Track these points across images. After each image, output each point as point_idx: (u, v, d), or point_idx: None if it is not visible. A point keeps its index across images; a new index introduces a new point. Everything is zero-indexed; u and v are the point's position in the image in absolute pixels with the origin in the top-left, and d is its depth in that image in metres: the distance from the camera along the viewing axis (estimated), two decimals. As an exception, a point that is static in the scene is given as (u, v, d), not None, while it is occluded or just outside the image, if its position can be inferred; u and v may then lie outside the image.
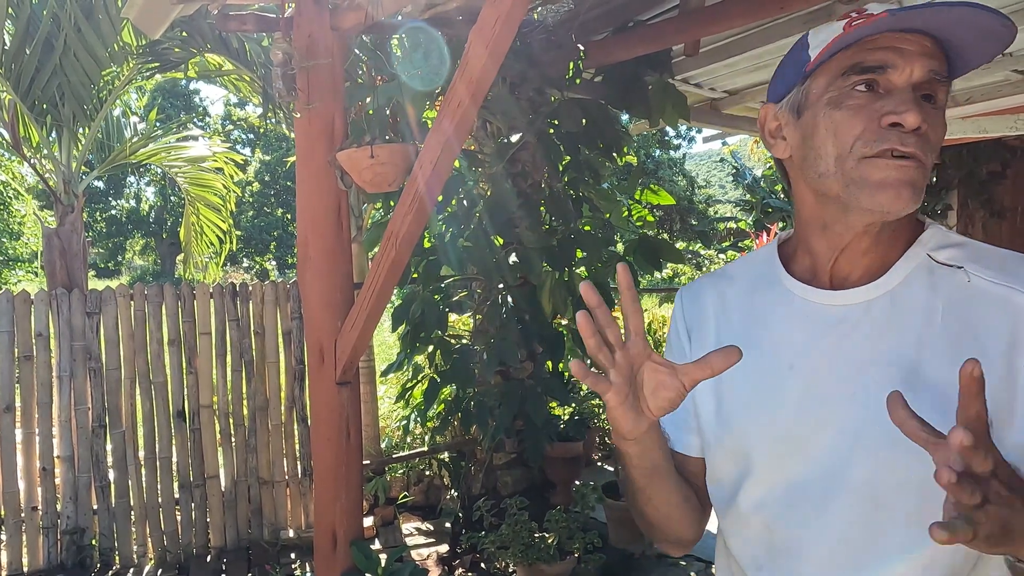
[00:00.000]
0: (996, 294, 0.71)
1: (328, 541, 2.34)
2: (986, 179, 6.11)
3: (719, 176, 34.69)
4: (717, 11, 2.40)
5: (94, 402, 3.29)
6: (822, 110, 0.75)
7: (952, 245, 0.76)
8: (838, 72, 0.74)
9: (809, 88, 0.77)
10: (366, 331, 2.20)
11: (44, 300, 3.23)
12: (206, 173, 5.23)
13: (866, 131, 0.71)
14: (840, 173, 0.73)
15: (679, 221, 18.03)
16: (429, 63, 2.51)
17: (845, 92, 0.73)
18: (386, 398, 4.67)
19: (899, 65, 0.71)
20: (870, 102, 0.72)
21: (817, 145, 0.75)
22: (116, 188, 24.02)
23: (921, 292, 0.74)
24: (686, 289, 0.94)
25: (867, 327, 0.75)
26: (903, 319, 0.74)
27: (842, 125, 0.73)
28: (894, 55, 0.71)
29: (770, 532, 0.81)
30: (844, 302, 0.77)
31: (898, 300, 0.75)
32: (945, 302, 0.73)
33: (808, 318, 0.79)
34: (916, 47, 0.71)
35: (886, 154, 0.70)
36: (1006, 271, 0.72)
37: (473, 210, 3.04)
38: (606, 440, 4.93)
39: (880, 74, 0.71)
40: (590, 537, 2.88)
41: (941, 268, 0.75)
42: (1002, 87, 3.60)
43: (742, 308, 0.86)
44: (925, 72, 0.71)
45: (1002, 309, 0.70)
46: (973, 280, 0.72)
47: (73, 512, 3.25)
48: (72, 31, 3.81)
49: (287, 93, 2.07)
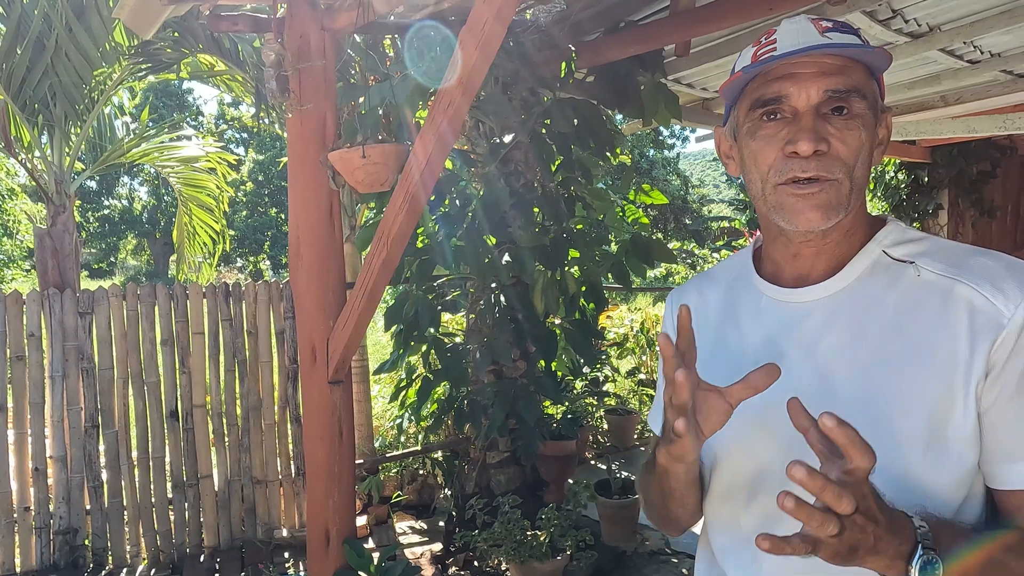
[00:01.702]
0: (942, 286, 0.74)
1: (321, 540, 2.35)
2: (976, 178, 6.15)
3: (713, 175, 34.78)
4: (707, 12, 2.41)
5: (87, 402, 3.29)
6: (743, 139, 0.81)
7: (909, 241, 0.80)
8: (750, 104, 0.79)
9: (737, 116, 0.83)
10: (358, 330, 2.21)
11: (36, 300, 3.23)
12: (199, 173, 5.22)
13: (775, 159, 0.77)
14: (763, 198, 0.80)
15: (673, 220, 18.07)
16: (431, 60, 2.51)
17: (755, 123, 0.78)
18: (380, 397, 4.68)
19: (792, 93, 0.75)
20: (777, 130, 0.77)
21: (747, 171, 0.82)
22: (109, 188, 23.93)
23: (875, 287, 0.78)
24: (674, 292, 1.00)
25: (823, 322, 0.79)
26: (856, 314, 0.77)
27: (758, 155, 0.78)
28: (788, 83, 0.75)
29: (736, 520, 0.85)
30: (802, 299, 0.81)
31: (853, 295, 0.78)
32: (897, 297, 0.76)
33: (772, 315, 0.83)
34: (813, 68, 0.75)
35: (790, 182, 0.76)
36: (953, 264, 0.75)
37: (466, 210, 3.05)
38: (599, 439, 4.95)
39: (779, 104, 0.76)
40: (582, 535, 2.89)
41: (896, 264, 0.78)
42: (991, 87, 3.62)
43: (720, 307, 0.91)
44: (821, 94, 0.75)
45: (945, 301, 0.73)
46: (923, 274, 0.76)
47: (66, 512, 3.25)
48: (63, 31, 3.80)
49: (279, 94, 2.08)
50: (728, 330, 0.87)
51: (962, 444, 0.71)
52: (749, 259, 0.89)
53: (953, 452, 0.72)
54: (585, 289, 3.24)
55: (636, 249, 3.20)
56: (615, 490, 3.45)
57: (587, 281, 3.23)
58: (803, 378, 0.78)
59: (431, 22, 2.46)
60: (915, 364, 0.72)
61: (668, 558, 3.24)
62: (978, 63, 3.28)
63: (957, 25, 2.80)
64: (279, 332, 3.64)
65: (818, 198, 0.75)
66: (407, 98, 2.55)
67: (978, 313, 0.71)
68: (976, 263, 0.74)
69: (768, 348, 0.82)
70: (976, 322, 0.71)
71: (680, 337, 0.72)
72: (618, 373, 5.41)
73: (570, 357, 3.70)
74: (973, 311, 0.71)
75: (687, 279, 1.03)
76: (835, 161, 0.75)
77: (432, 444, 3.94)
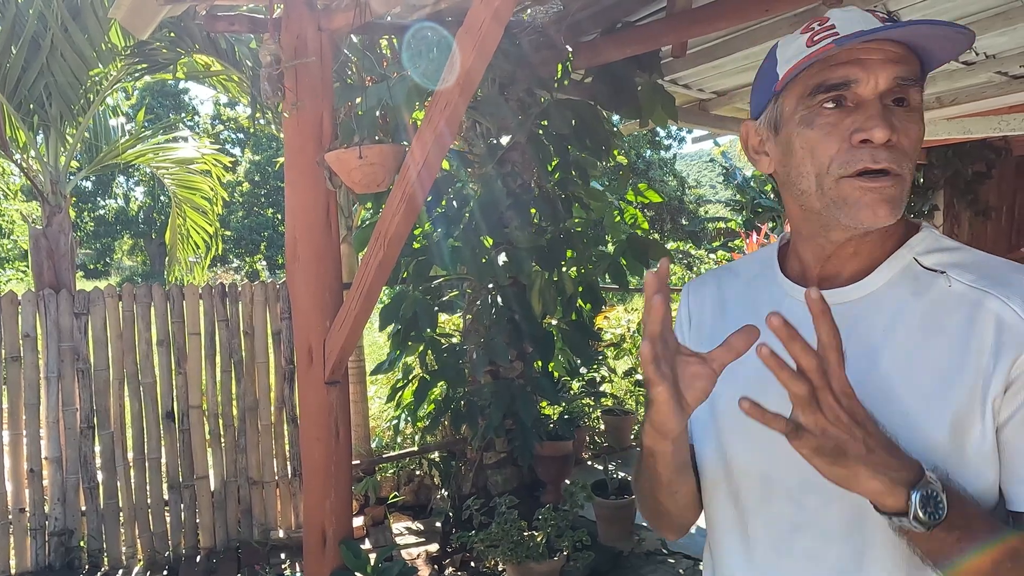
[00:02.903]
0: (971, 298, 0.71)
1: (317, 540, 2.35)
2: (971, 179, 6.17)
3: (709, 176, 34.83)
4: (704, 13, 2.42)
5: (82, 403, 3.28)
6: (795, 129, 0.75)
7: (942, 250, 0.77)
8: (805, 91, 0.74)
9: (782, 106, 0.77)
10: (355, 331, 2.21)
11: (31, 301, 3.22)
12: (193, 175, 5.20)
13: (839, 151, 0.72)
14: (820, 192, 0.75)
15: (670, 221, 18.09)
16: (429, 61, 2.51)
17: (814, 110, 0.74)
18: (376, 398, 4.67)
19: (862, 78, 0.71)
20: (840, 119, 0.72)
21: (796, 164, 0.76)
22: (104, 188, 23.86)
23: (903, 294, 0.75)
24: (692, 283, 0.96)
25: (847, 327, 0.75)
26: (882, 320, 0.75)
27: (817, 145, 0.73)
28: (857, 68, 0.71)
29: (743, 521, 0.83)
30: (830, 302, 0.78)
31: (879, 301, 0.76)
32: (925, 306, 0.73)
33: (795, 317, 0.80)
34: (879, 55, 0.71)
35: (858, 174, 0.72)
36: (985, 276, 0.72)
37: (463, 210, 3.05)
38: (595, 439, 4.95)
39: (845, 89, 0.72)
40: (579, 535, 2.89)
41: (926, 272, 0.75)
42: (986, 88, 3.64)
43: (740, 302, 0.88)
44: (890, 80, 0.71)
45: (974, 313, 0.70)
46: (954, 285, 0.73)
47: (61, 514, 3.24)
48: (59, 31, 3.79)
49: (272, 94, 2.08)
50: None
51: (980, 460, 0.69)
52: (774, 257, 0.86)
53: (971, 467, 0.70)
54: (582, 290, 3.24)
55: (633, 249, 3.20)
56: (612, 490, 3.45)
57: (584, 282, 3.24)
58: None
59: (428, 23, 2.46)
60: (939, 375, 0.70)
61: (665, 558, 3.24)
62: (973, 64, 3.30)
63: (952, 27, 2.81)
64: (275, 333, 3.64)
65: (888, 192, 0.71)
66: (404, 99, 2.56)
67: (1006, 328, 0.68)
68: (1010, 278, 0.71)
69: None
70: (1003, 337, 0.68)
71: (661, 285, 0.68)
72: (615, 374, 5.41)
73: (567, 358, 3.70)
74: (1001, 325, 0.68)
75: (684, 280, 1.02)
76: (902, 154, 0.71)
77: (429, 445, 3.94)
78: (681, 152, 20.34)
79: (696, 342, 0.89)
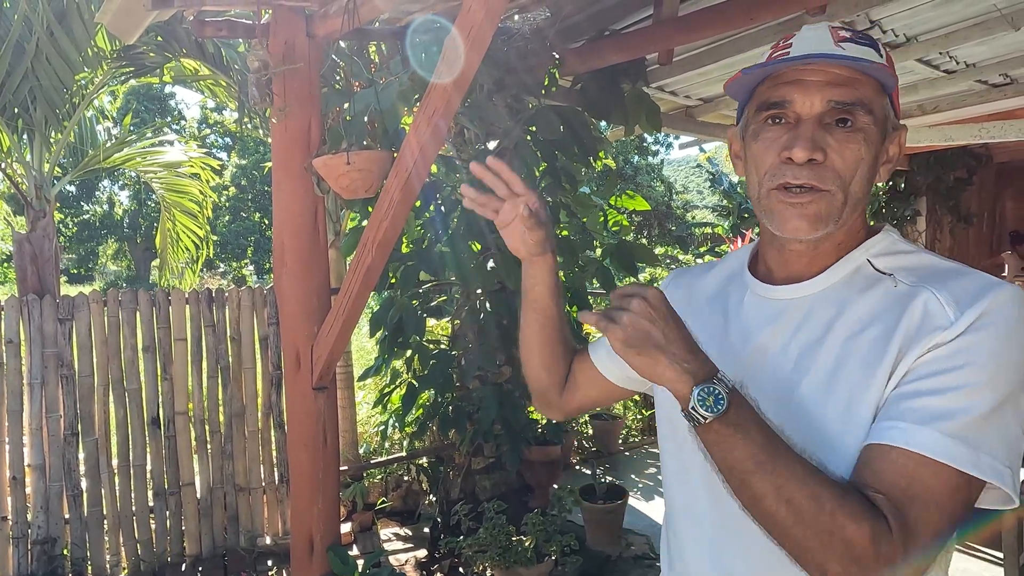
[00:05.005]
0: (909, 295, 0.75)
1: (305, 547, 2.34)
2: (953, 185, 6.26)
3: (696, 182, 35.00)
4: (689, 21, 2.45)
5: (66, 409, 3.25)
6: (748, 140, 0.82)
7: (895, 253, 0.80)
8: (756, 106, 0.80)
9: (747, 117, 0.84)
10: (343, 336, 2.21)
11: (14, 306, 3.18)
12: (182, 179, 5.18)
13: (771, 164, 0.78)
14: (758, 202, 0.81)
15: (657, 226, 18.17)
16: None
17: (760, 125, 0.79)
18: (364, 403, 4.66)
19: (798, 99, 0.76)
20: (779, 135, 0.77)
21: (748, 172, 0.83)
22: (88, 192, 23.62)
23: (851, 292, 0.79)
24: (670, 276, 1.05)
25: (797, 320, 0.81)
26: (829, 313, 0.79)
27: (758, 158, 0.79)
28: (795, 89, 0.76)
29: (695, 499, 0.87)
30: (781, 297, 0.83)
31: (830, 297, 0.80)
32: (870, 303, 0.77)
33: (753, 309, 0.86)
34: (821, 77, 0.75)
35: (782, 188, 0.77)
36: (925, 276, 0.76)
37: (451, 215, 3.05)
38: (583, 444, 4.96)
39: (783, 108, 0.77)
40: (567, 540, 2.90)
41: (876, 274, 0.79)
42: (967, 97, 3.70)
43: (712, 295, 0.94)
44: (824, 103, 0.75)
45: (907, 305, 0.74)
46: (899, 286, 0.76)
47: (44, 522, 3.20)
48: (44, 35, 3.76)
49: (264, 99, 2.08)
50: (715, 319, 0.90)
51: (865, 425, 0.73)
52: (746, 256, 0.92)
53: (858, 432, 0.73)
54: (570, 295, 3.25)
55: (620, 255, 3.22)
56: (600, 495, 3.46)
57: (571, 287, 3.25)
58: (778, 370, 0.79)
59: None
60: (869, 365, 0.73)
61: (653, 562, 3.25)
62: (954, 73, 3.36)
63: (933, 36, 2.86)
64: (263, 338, 3.62)
65: (807, 208, 0.76)
66: (392, 104, 2.56)
67: (928, 315, 0.72)
68: (950, 278, 0.74)
69: (747, 340, 0.84)
70: (924, 324, 0.72)
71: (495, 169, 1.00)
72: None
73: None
74: (926, 314, 0.72)
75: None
76: (829, 172, 0.75)
77: (417, 450, 3.93)
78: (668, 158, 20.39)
79: None
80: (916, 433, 0.67)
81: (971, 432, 0.67)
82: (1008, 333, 0.69)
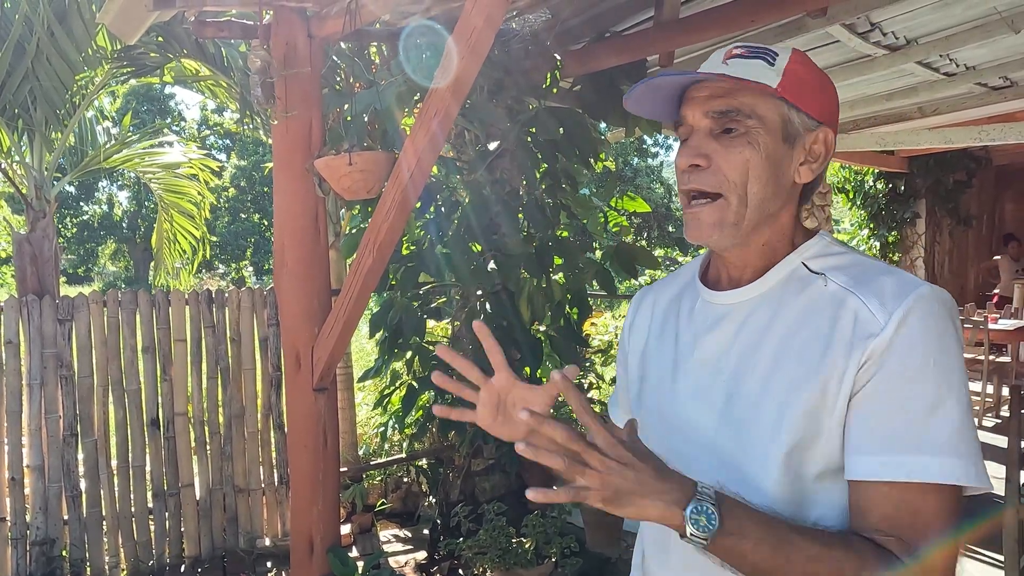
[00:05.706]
0: (839, 298, 0.78)
1: (305, 548, 2.34)
2: (952, 188, 6.27)
3: (696, 184, 35.03)
4: (691, 23, 2.45)
5: (65, 410, 3.24)
6: None
7: (828, 255, 0.84)
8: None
9: None
10: (343, 337, 2.21)
11: (14, 307, 3.18)
12: (180, 180, 5.17)
13: (679, 178, 0.84)
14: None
15: (657, 228, 18.20)
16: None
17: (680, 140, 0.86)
18: (364, 405, 4.66)
19: (688, 116, 0.83)
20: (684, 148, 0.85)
21: None
22: (88, 192, 23.61)
23: (786, 294, 0.82)
24: (637, 295, 1.07)
25: (738, 324, 0.84)
26: (766, 316, 0.82)
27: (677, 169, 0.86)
28: (686, 107, 0.84)
29: (663, 544, 0.89)
30: (723, 302, 0.87)
31: (767, 300, 0.83)
32: (803, 304, 0.80)
33: (701, 315, 0.90)
34: (705, 92, 0.82)
35: (687, 199, 0.84)
36: (854, 277, 0.79)
37: (452, 217, 3.05)
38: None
39: (684, 125, 0.84)
40: (567, 542, 2.89)
41: (809, 275, 0.82)
42: (966, 99, 3.71)
43: (667, 305, 0.98)
44: (702, 116, 0.81)
45: (837, 311, 0.77)
46: (829, 285, 0.80)
47: (43, 523, 3.19)
48: (45, 35, 3.76)
49: (265, 100, 2.08)
50: (669, 328, 0.94)
51: (833, 449, 0.75)
52: (699, 264, 0.96)
53: (825, 447, 0.76)
54: (570, 296, 3.25)
55: (620, 256, 3.22)
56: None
57: (572, 288, 3.25)
58: (722, 373, 0.83)
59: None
60: (801, 366, 0.77)
61: (652, 564, 3.25)
62: (954, 75, 3.36)
63: (933, 39, 2.86)
64: (263, 339, 3.62)
65: (702, 216, 0.82)
66: (393, 105, 2.56)
67: (859, 323, 0.75)
68: (875, 279, 0.77)
69: (694, 346, 0.88)
70: (856, 332, 0.75)
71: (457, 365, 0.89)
72: (603, 380, 5.42)
73: (555, 364, 3.70)
74: (856, 322, 0.75)
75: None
76: (715, 176, 0.80)
77: (416, 452, 3.93)
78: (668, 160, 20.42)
79: (636, 345, 1.00)
80: (908, 462, 0.71)
81: (952, 441, 0.70)
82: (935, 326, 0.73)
